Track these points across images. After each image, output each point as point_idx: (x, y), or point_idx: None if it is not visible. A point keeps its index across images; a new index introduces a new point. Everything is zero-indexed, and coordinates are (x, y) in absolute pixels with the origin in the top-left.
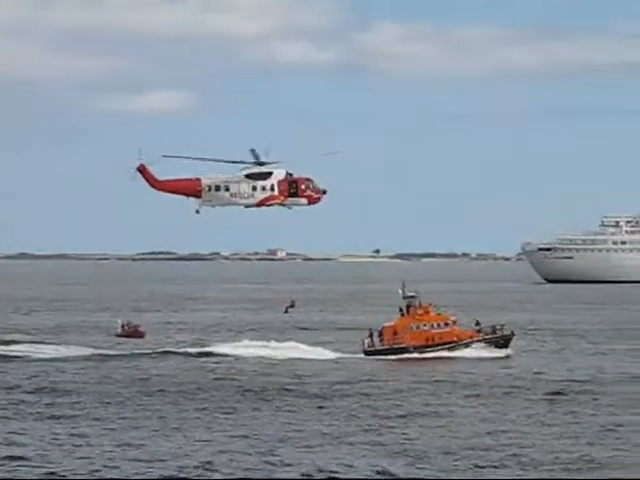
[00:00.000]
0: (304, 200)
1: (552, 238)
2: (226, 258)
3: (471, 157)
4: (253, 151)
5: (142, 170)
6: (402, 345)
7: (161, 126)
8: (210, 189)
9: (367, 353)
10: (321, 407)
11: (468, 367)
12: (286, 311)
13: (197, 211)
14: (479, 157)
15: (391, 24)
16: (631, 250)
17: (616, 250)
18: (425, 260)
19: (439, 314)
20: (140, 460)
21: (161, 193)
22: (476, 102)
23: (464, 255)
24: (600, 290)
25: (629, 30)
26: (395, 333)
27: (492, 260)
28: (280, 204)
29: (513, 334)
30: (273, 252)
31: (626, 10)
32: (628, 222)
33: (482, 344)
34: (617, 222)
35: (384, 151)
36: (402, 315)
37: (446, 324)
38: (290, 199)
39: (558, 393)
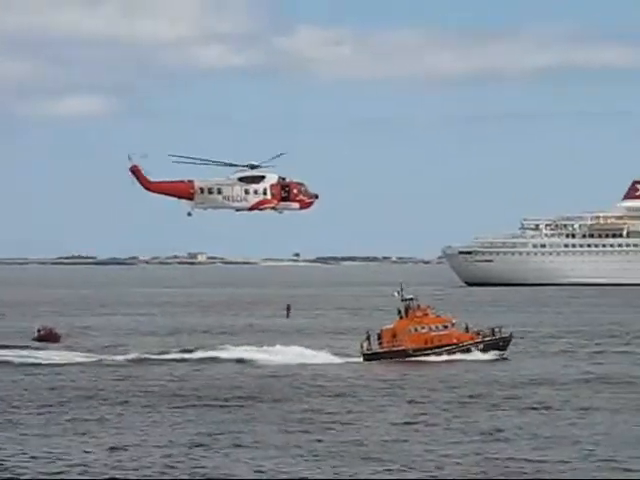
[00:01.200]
0: (296, 205)
1: (472, 241)
2: (146, 262)
3: (392, 161)
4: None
5: (135, 171)
6: (401, 348)
7: (81, 130)
8: (203, 191)
9: (366, 356)
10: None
11: (466, 370)
12: (287, 315)
13: (189, 213)
14: (400, 161)
15: (310, 28)
16: (551, 253)
17: (536, 253)
18: (345, 263)
19: (438, 316)
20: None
21: (153, 195)
22: (397, 106)
23: (384, 258)
24: (520, 293)
25: (552, 33)
26: (394, 336)
27: (412, 263)
28: (272, 208)
29: (512, 336)
30: (193, 256)
31: (543, 14)
32: (548, 225)
33: (481, 347)
34: (537, 225)
35: (304, 154)
36: (400, 318)
37: (445, 327)
38: (282, 203)
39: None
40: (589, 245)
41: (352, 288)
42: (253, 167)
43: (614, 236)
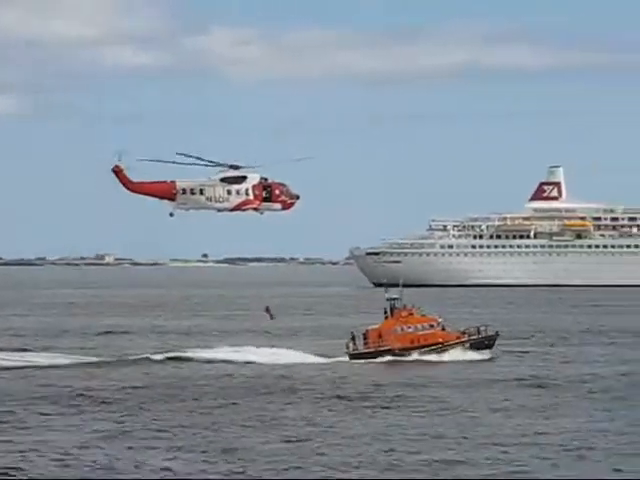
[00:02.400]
0: (278, 205)
1: (380, 242)
2: (53, 263)
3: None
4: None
5: (117, 172)
6: (387, 347)
7: None
8: (185, 192)
9: (352, 356)
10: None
11: (449, 369)
12: (271, 317)
13: (171, 214)
14: (308, 161)
15: (221, 28)
16: (458, 254)
17: (443, 254)
18: (253, 264)
19: (424, 316)
20: None
21: (135, 195)
22: (307, 106)
23: (292, 259)
24: (428, 294)
25: (466, 33)
26: (380, 336)
27: (320, 264)
28: (254, 209)
29: (497, 334)
30: (101, 257)
31: (469, 13)
32: (455, 226)
33: (467, 345)
34: (445, 226)
35: (215, 155)
36: (386, 317)
37: (431, 326)
38: (264, 204)
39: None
40: (496, 246)
41: (257, 289)
42: (235, 167)
43: (521, 237)
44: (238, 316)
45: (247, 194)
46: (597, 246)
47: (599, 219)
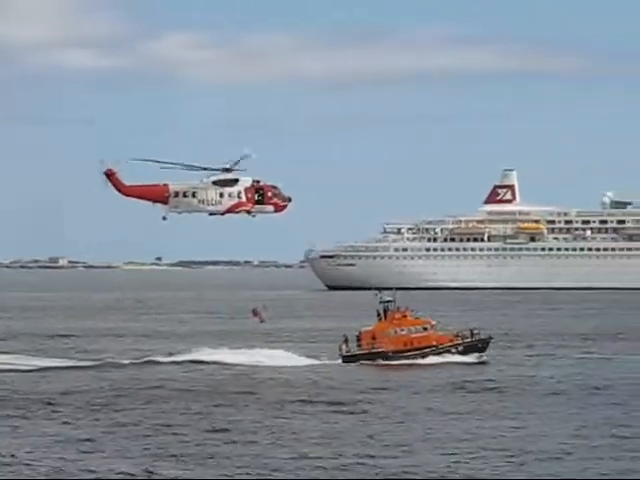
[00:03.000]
0: (270, 208)
1: (335, 245)
2: (7, 266)
3: (258, 164)
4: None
5: (109, 175)
6: (381, 350)
7: None
8: (177, 195)
9: (345, 359)
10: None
11: (442, 371)
12: (262, 321)
13: (164, 217)
14: (265, 164)
15: (179, 32)
16: (412, 257)
17: (398, 257)
18: (208, 268)
19: (417, 318)
20: None
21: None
22: (266, 109)
23: (246, 262)
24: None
25: (423, 36)
26: (373, 338)
27: (274, 267)
28: (247, 212)
29: (491, 338)
30: (54, 260)
31: (416, 17)
32: (410, 229)
33: (461, 348)
34: (399, 229)
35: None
36: (380, 320)
37: (424, 328)
38: (257, 206)
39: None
40: (450, 249)
41: (212, 292)
42: (227, 170)
43: (475, 240)
44: (194, 319)
45: (239, 197)
46: (551, 249)
47: (553, 222)
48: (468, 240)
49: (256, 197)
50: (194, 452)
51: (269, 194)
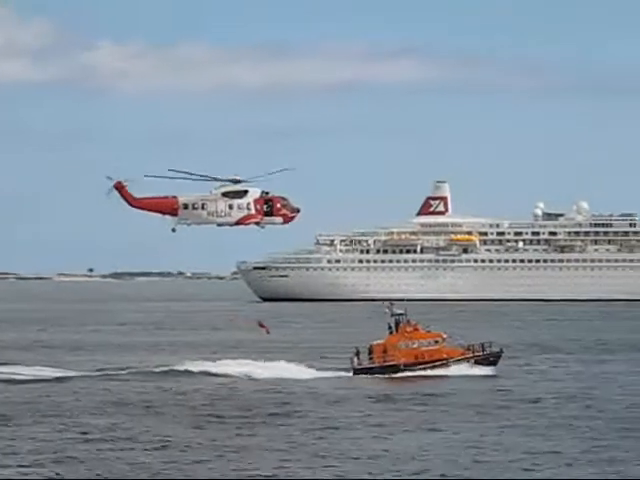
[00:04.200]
0: (279, 219)
1: (267, 257)
2: None
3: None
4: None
5: (119, 188)
6: (392, 363)
7: None
8: (187, 207)
9: (357, 371)
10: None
11: (452, 385)
12: (267, 332)
13: (173, 229)
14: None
15: (110, 42)
16: (345, 268)
17: (330, 269)
18: (140, 279)
19: (428, 331)
20: None
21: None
22: (195, 119)
23: (179, 274)
24: (314, 308)
25: (350, 49)
26: (385, 351)
27: (207, 279)
28: (256, 223)
29: (502, 351)
30: None
31: (344, 31)
32: (342, 241)
33: (472, 362)
34: (332, 241)
35: (107, 167)
36: (391, 333)
37: (436, 342)
38: (266, 218)
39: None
40: (383, 261)
41: (144, 304)
42: (236, 182)
43: (408, 252)
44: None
45: (249, 208)
46: (483, 260)
47: (485, 234)
48: (401, 252)
49: (265, 208)
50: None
51: (278, 205)
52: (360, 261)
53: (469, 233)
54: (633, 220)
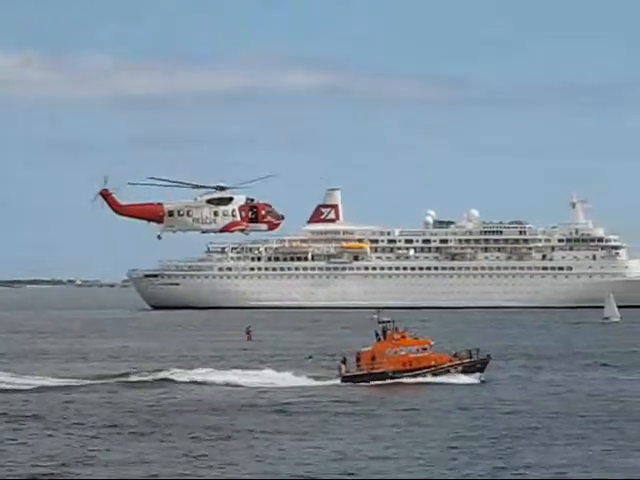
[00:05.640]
0: (264, 226)
1: (158, 264)
2: None
3: (77, 184)
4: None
5: (105, 195)
6: (381, 370)
7: None
8: (172, 214)
9: (345, 379)
10: None
11: (438, 392)
12: (249, 338)
13: (159, 237)
14: (83, 184)
15: (3, 50)
16: (236, 276)
17: (222, 276)
18: (30, 287)
19: (416, 339)
20: None
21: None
22: (88, 128)
23: (69, 282)
24: (205, 315)
25: (241, 59)
26: (373, 358)
27: (97, 287)
28: (241, 230)
29: (490, 357)
30: None
31: (240, 40)
32: (234, 249)
33: (460, 369)
34: (223, 249)
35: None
36: (378, 340)
37: (424, 349)
38: (251, 225)
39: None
40: (274, 268)
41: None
42: (221, 189)
43: (299, 259)
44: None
45: (234, 215)
46: (374, 268)
47: (376, 241)
48: (292, 259)
49: (250, 215)
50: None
51: (262, 212)
52: (251, 269)
53: (360, 241)
54: (523, 228)
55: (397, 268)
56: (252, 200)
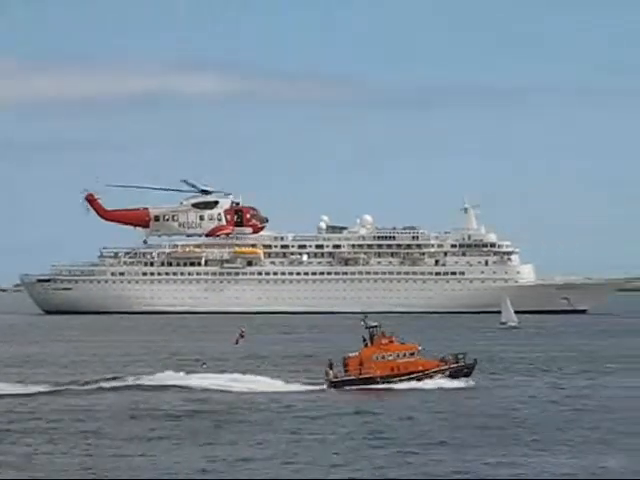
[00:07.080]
0: (249, 229)
1: (51, 269)
2: None
3: None
4: (186, 182)
5: (90, 200)
6: (369, 375)
7: None
8: (158, 219)
9: (332, 384)
10: None
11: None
12: (237, 342)
13: (145, 241)
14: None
15: None
16: (129, 281)
17: (114, 281)
18: None
19: (403, 343)
20: None
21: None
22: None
23: None
24: (99, 320)
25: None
26: (361, 363)
27: None
28: (226, 234)
29: (476, 362)
30: None
31: (148, 43)
32: (127, 254)
33: (447, 374)
34: (116, 254)
35: None
36: (366, 345)
37: (412, 354)
38: (237, 229)
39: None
40: (167, 273)
41: None
42: (205, 192)
43: (192, 264)
44: None
45: (219, 219)
46: (267, 273)
47: (269, 247)
48: (185, 264)
49: (235, 219)
50: None
51: (247, 216)
52: (144, 274)
53: (253, 246)
54: (415, 233)
55: (290, 273)
56: (237, 204)
